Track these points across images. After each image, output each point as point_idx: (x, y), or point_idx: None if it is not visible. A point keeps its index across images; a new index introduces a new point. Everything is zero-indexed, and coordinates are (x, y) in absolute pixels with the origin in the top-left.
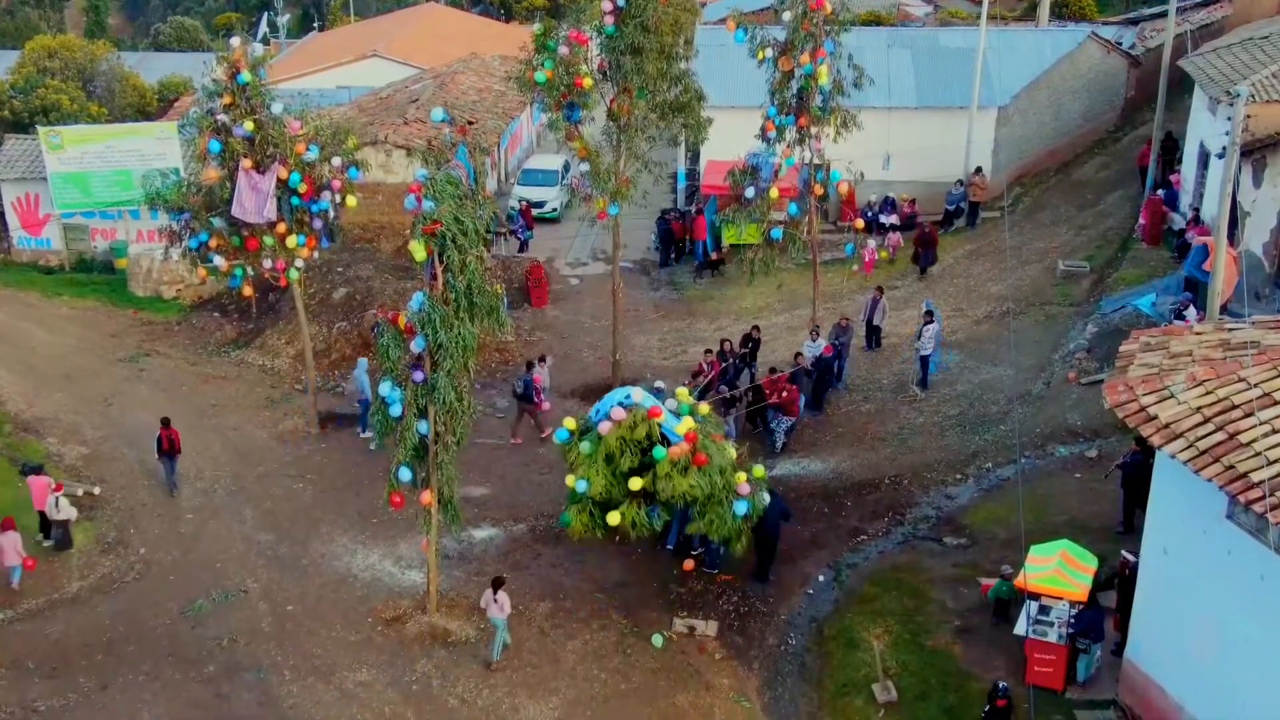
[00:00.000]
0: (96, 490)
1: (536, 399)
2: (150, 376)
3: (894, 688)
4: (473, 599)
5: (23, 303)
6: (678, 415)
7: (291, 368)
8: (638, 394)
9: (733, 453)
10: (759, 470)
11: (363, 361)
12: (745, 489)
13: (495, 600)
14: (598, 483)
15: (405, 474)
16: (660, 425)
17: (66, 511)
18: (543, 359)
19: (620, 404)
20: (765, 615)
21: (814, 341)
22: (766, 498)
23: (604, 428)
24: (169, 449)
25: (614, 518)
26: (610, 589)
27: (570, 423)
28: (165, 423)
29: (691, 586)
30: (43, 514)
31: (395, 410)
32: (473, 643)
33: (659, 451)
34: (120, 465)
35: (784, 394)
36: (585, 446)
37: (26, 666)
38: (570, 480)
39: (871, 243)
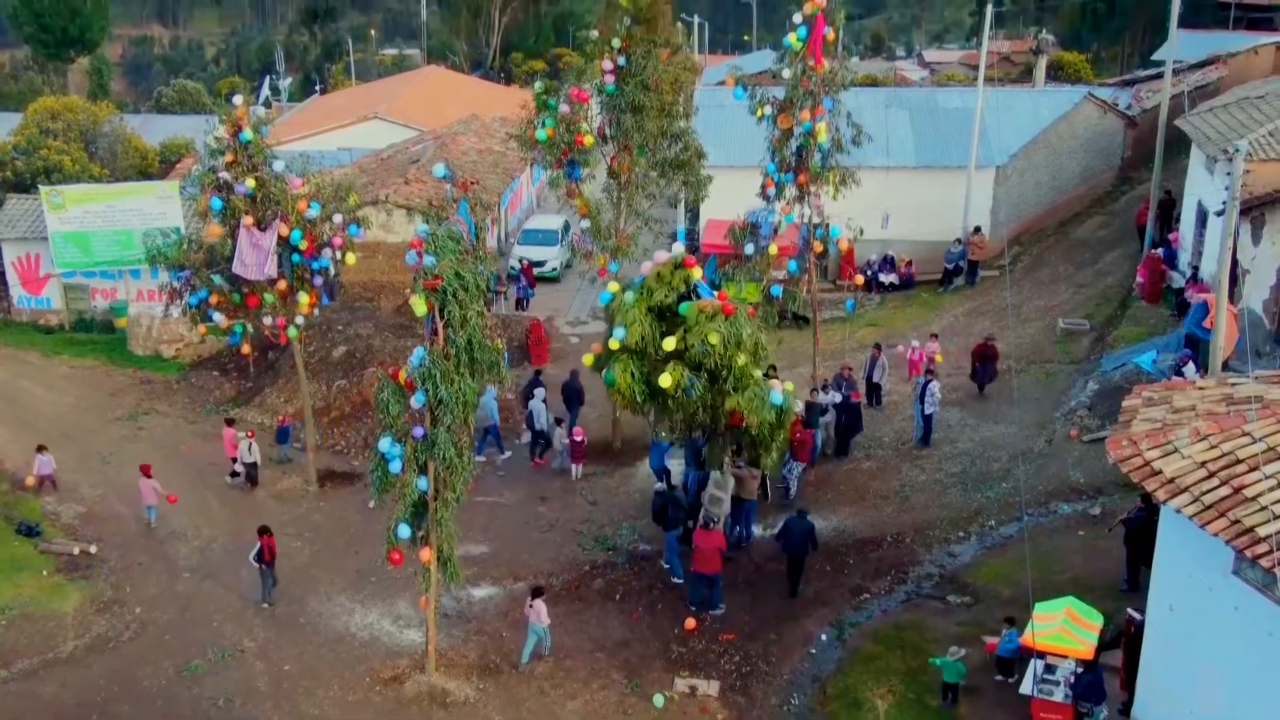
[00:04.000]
0: (93, 549)
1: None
2: (149, 435)
3: None
4: (472, 658)
5: (22, 361)
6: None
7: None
8: (678, 247)
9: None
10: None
11: (491, 389)
12: (779, 386)
13: (531, 607)
14: (635, 330)
15: (404, 531)
16: (696, 282)
17: (255, 455)
18: (559, 421)
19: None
20: (767, 675)
21: (825, 394)
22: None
23: (645, 268)
24: (270, 559)
25: (665, 379)
26: (611, 648)
27: (613, 285)
28: (265, 530)
29: (693, 646)
30: (234, 458)
31: (394, 467)
32: (472, 703)
33: (684, 306)
34: (117, 524)
35: (797, 435)
36: (629, 297)
37: None
38: (613, 343)
39: (915, 343)
